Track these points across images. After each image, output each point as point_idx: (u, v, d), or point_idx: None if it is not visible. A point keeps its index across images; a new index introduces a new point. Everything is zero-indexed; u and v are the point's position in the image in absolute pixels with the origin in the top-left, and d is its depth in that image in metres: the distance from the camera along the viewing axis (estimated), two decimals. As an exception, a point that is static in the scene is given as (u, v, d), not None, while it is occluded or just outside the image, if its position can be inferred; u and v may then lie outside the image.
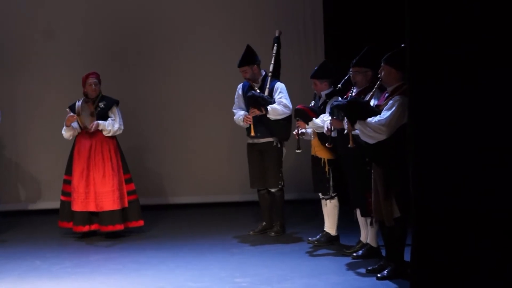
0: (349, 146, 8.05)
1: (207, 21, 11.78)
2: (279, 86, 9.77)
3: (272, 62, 9.80)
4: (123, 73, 11.60)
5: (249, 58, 9.85)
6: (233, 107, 10.02)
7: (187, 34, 11.78)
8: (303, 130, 9.23)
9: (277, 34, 9.88)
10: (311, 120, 9.08)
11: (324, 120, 8.85)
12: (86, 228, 10.01)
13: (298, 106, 9.27)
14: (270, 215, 10.03)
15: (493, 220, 6.88)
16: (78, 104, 9.83)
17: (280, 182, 9.87)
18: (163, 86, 11.78)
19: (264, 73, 9.89)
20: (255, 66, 9.86)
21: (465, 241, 7.01)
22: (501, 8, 6.81)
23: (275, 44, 9.82)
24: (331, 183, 9.21)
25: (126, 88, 11.30)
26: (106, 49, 11.66)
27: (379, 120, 7.63)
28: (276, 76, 9.85)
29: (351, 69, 8.63)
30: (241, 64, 9.86)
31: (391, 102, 7.70)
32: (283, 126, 9.65)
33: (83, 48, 11.64)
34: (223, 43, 11.71)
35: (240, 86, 10.03)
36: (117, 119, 10.07)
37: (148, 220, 10.43)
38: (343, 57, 9.49)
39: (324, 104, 9.16)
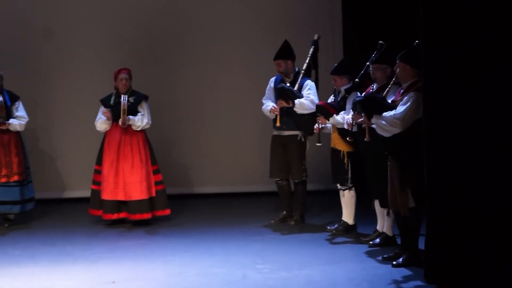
0: (365, 139, 8.05)
1: (232, 16, 11.76)
2: (309, 83, 9.77)
3: (307, 61, 9.76)
4: (151, 68, 11.60)
5: (285, 52, 9.85)
6: (263, 98, 10.01)
7: (214, 29, 11.77)
8: (324, 125, 9.23)
9: (315, 37, 9.86)
10: (331, 116, 9.08)
11: (344, 117, 8.87)
12: (115, 216, 10.04)
13: (319, 103, 9.29)
14: (290, 205, 10.02)
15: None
16: (124, 102, 9.85)
17: (303, 174, 9.86)
18: (189, 80, 11.78)
19: (297, 69, 9.87)
20: (290, 61, 9.86)
21: (476, 231, 7.00)
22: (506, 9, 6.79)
23: (312, 46, 9.80)
24: (349, 174, 9.20)
25: (154, 83, 11.30)
26: (135, 44, 11.66)
27: (394, 114, 7.65)
28: (308, 75, 9.83)
29: (370, 66, 8.60)
30: (277, 57, 9.87)
31: (406, 97, 7.71)
32: (308, 121, 9.63)
33: (113, 43, 11.65)
34: (249, 38, 11.70)
35: (272, 79, 10.03)
36: (146, 114, 10.09)
37: (174, 209, 10.44)
38: (361, 54, 9.44)
39: (344, 99, 9.16)
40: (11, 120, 10.01)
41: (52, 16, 11.59)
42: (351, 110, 8.52)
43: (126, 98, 9.94)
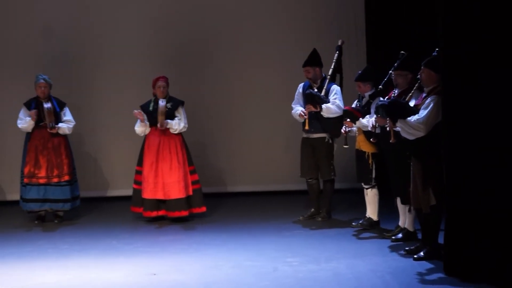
0: (390, 141, 8.06)
1: (263, 24, 11.74)
2: (335, 88, 9.77)
3: (332, 66, 9.78)
4: (187, 75, 11.61)
5: (313, 60, 9.85)
6: (293, 103, 10.01)
7: (244, 37, 11.75)
8: (350, 128, 9.24)
9: (339, 43, 9.87)
10: (358, 119, 9.08)
11: (369, 120, 8.87)
12: (154, 214, 10.08)
13: (345, 108, 9.30)
14: (318, 202, 10.03)
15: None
16: (162, 104, 9.91)
17: (332, 173, 9.87)
18: (223, 87, 11.78)
19: (324, 75, 9.89)
20: (318, 68, 9.86)
21: (492, 228, 6.98)
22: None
23: (337, 52, 9.81)
24: (373, 174, 9.19)
25: (190, 90, 11.32)
26: (173, 53, 11.67)
27: (417, 119, 7.63)
28: (334, 80, 9.84)
29: (392, 72, 8.61)
30: (306, 64, 9.87)
31: (427, 101, 7.69)
32: (335, 124, 9.63)
33: (152, 52, 11.67)
34: (278, 46, 11.67)
35: (301, 85, 10.03)
36: (183, 118, 10.14)
37: (210, 207, 10.47)
38: (384, 61, 9.44)
39: (368, 104, 9.15)
40: (60, 124, 10.11)
41: (97, 27, 11.63)
42: (374, 113, 8.53)
43: (164, 101, 10.00)
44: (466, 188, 7.12)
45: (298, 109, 9.88)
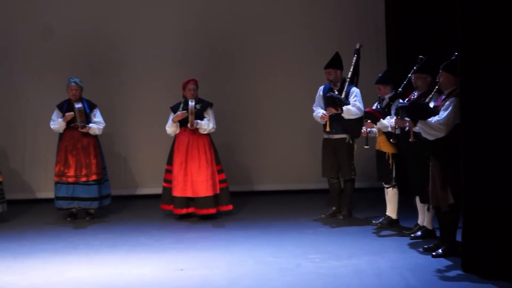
0: (410, 140, 8.04)
1: (285, 30, 11.73)
2: (355, 90, 9.75)
3: (351, 69, 9.77)
4: (215, 78, 11.64)
5: (335, 63, 9.84)
6: (314, 105, 10.01)
7: (271, 42, 11.74)
8: (371, 129, 9.22)
9: (357, 47, 9.85)
10: (378, 121, 9.06)
11: (390, 122, 8.85)
12: (183, 211, 10.10)
13: (367, 109, 9.28)
14: (339, 201, 10.01)
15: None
16: (192, 104, 9.95)
17: (352, 173, 9.86)
18: (248, 89, 11.79)
19: (343, 78, 9.87)
20: (339, 71, 9.85)
21: (509, 224, 6.94)
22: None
23: (355, 55, 9.79)
24: (393, 174, 9.17)
25: (218, 92, 11.33)
26: (202, 55, 11.68)
27: (437, 120, 7.61)
28: (353, 82, 9.82)
29: (412, 75, 8.58)
30: (328, 66, 9.85)
31: (447, 103, 7.67)
32: (355, 125, 9.61)
33: (181, 56, 11.68)
34: (300, 51, 11.66)
35: (321, 87, 10.02)
36: (211, 119, 10.16)
37: (236, 205, 10.47)
38: (403, 64, 9.41)
39: (388, 106, 9.12)
40: (90, 124, 10.16)
41: (128, 30, 11.65)
42: (394, 114, 8.51)
43: (194, 102, 10.03)
44: (483, 188, 7.09)
45: (319, 111, 9.87)
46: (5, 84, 11.50)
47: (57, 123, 10.14)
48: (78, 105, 10.03)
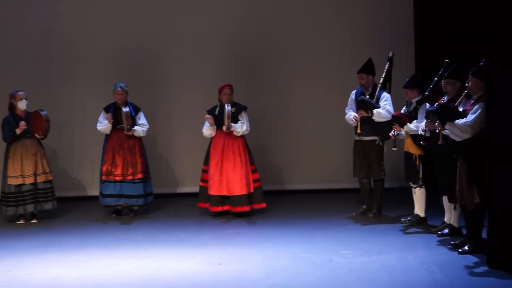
0: (439, 143, 7.96)
1: (319, 35, 11.66)
2: (385, 95, 9.68)
3: (383, 75, 9.70)
4: (250, 83, 11.62)
5: (368, 68, 9.78)
6: (346, 108, 9.96)
7: (304, 48, 11.68)
8: (399, 132, 9.16)
9: (390, 55, 9.78)
10: (406, 124, 9.00)
11: (417, 125, 8.81)
12: (219, 209, 10.09)
13: (394, 113, 9.24)
14: (370, 200, 9.95)
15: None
16: (228, 109, 9.95)
17: (382, 173, 9.79)
18: (282, 93, 11.74)
19: (375, 83, 9.81)
20: (371, 76, 9.79)
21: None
22: None
23: (388, 62, 9.72)
24: (420, 174, 9.09)
25: (252, 96, 11.32)
26: (237, 61, 11.68)
27: (465, 122, 7.58)
28: (384, 87, 9.75)
29: (443, 81, 8.50)
30: (360, 71, 9.80)
31: (476, 107, 7.64)
32: (385, 127, 9.53)
33: (218, 60, 11.67)
34: (333, 55, 11.60)
35: (353, 92, 9.97)
36: (245, 122, 10.15)
37: (270, 203, 10.43)
38: (431, 70, 9.32)
39: (415, 109, 9.06)
40: (135, 127, 10.20)
41: (169, 38, 11.66)
42: (423, 118, 8.46)
43: (230, 106, 10.02)
44: (507, 187, 7.03)
45: (351, 114, 9.83)
46: (56, 88, 11.57)
47: (103, 124, 10.19)
48: (125, 109, 10.06)
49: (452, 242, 8.09)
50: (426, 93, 8.90)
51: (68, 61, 11.61)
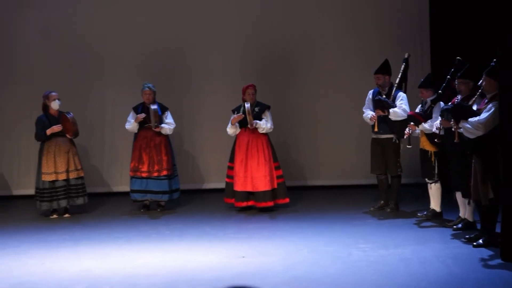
0: (455, 141, 7.93)
1: (337, 37, 11.67)
2: (401, 95, 9.66)
3: (399, 76, 9.67)
4: (273, 82, 11.63)
5: (385, 68, 9.76)
6: (363, 107, 9.95)
7: (326, 51, 11.69)
8: (413, 130, 9.13)
9: (406, 56, 9.75)
10: (420, 123, 8.98)
11: (431, 125, 8.79)
12: (244, 204, 10.11)
13: (409, 113, 9.23)
14: (387, 195, 9.92)
15: None
16: (247, 106, 9.98)
17: (399, 170, 9.76)
18: (303, 93, 11.75)
19: (391, 83, 9.78)
20: (387, 76, 9.76)
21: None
22: None
23: (404, 63, 9.69)
24: (435, 170, 9.06)
25: (275, 95, 11.33)
26: (262, 62, 11.69)
27: (478, 120, 7.55)
28: (400, 87, 9.72)
29: (456, 80, 8.46)
30: (377, 71, 9.77)
31: (489, 105, 7.61)
32: (401, 126, 9.51)
33: (243, 61, 11.70)
34: (351, 57, 11.59)
35: (370, 91, 9.95)
36: (269, 120, 10.16)
37: (292, 198, 10.42)
38: (447, 70, 9.28)
39: (430, 108, 9.03)
40: (163, 125, 10.24)
41: (194, 40, 11.70)
42: (438, 116, 8.43)
43: (249, 103, 10.02)
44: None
45: (368, 113, 9.81)
46: (87, 88, 11.66)
47: (131, 124, 10.26)
48: (153, 107, 10.11)
49: (467, 236, 8.05)
50: (439, 91, 8.88)
51: (98, 64, 11.70)
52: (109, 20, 11.68)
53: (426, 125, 8.93)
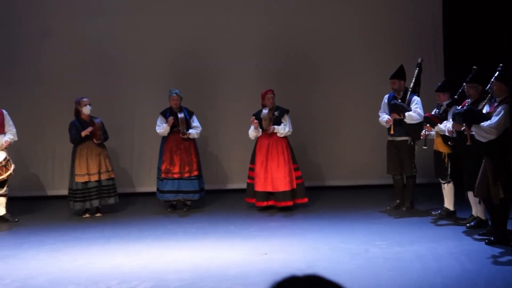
0: (467, 144, 7.92)
1: (357, 49, 11.63)
2: (416, 99, 9.65)
3: (413, 80, 9.67)
4: (291, 87, 11.63)
5: (400, 74, 9.75)
6: (379, 111, 9.95)
7: (342, 57, 11.66)
8: (429, 132, 9.12)
9: (419, 61, 9.74)
10: (436, 125, 8.96)
11: (446, 126, 8.76)
12: (265, 204, 10.12)
13: (426, 114, 9.20)
14: (403, 195, 9.91)
15: None
16: (265, 112, 10.02)
17: (414, 170, 9.75)
18: (321, 97, 11.73)
19: (406, 88, 9.78)
20: (402, 81, 9.76)
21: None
22: None
23: (417, 68, 9.69)
24: (449, 171, 9.04)
25: (294, 100, 11.32)
26: (281, 68, 11.69)
27: (489, 124, 7.54)
28: (415, 91, 9.72)
29: (465, 85, 8.45)
30: (393, 77, 9.77)
31: (499, 109, 7.60)
32: (416, 129, 9.50)
33: (263, 67, 11.69)
34: (367, 64, 11.54)
35: (386, 96, 9.94)
36: (288, 124, 10.18)
37: (311, 198, 10.41)
38: (459, 76, 9.27)
39: (445, 111, 9.02)
40: (190, 131, 10.31)
41: (220, 47, 11.70)
42: (451, 120, 8.43)
43: (267, 109, 10.05)
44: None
45: (384, 116, 9.81)
46: (117, 93, 11.72)
47: (162, 127, 10.32)
48: (181, 115, 10.17)
49: (479, 233, 8.04)
50: (456, 96, 8.87)
51: (128, 71, 11.77)
52: (138, 30, 11.73)
53: (441, 126, 8.91)
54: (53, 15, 11.67)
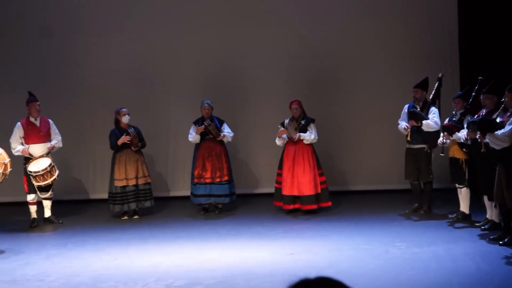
0: (482, 151, 7.90)
1: (379, 62, 11.63)
2: (434, 109, 9.64)
3: (433, 93, 9.66)
4: (319, 96, 11.65)
5: (423, 84, 9.76)
6: (399, 119, 9.95)
7: (365, 69, 11.63)
8: (447, 140, 9.10)
9: (439, 75, 9.73)
10: (454, 133, 8.94)
11: (463, 134, 8.76)
12: (291, 207, 10.15)
13: (445, 123, 9.18)
14: (421, 199, 9.89)
15: None
16: (286, 121, 10.08)
17: (430, 176, 9.72)
18: (344, 106, 11.73)
19: (425, 99, 9.77)
20: (424, 92, 9.76)
21: None
22: None
23: (437, 82, 9.68)
24: (466, 176, 9.01)
25: (319, 109, 11.35)
26: (306, 78, 11.72)
27: (503, 132, 7.52)
28: (434, 103, 9.70)
29: (482, 96, 8.43)
30: (417, 86, 9.76)
31: (512, 119, 7.56)
32: (433, 137, 9.49)
33: (291, 78, 11.73)
34: (389, 76, 11.56)
35: (406, 106, 9.93)
36: (313, 132, 10.21)
37: (334, 202, 10.44)
38: (473, 85, 9.24)
39: (460, 120, 9.00)
40: (224, 132, 10.36)
41: (244, 60, 11.75)
42: (466, 128, 8.41)
43: (288, 120, 10.09)
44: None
45: (402, 124, 9.81)
46: (154, 104, 11.82)
47: (193, 136, 10.42)
48: (207, 122, 10.24)
49: (493, 236, 8.00)
50: (468, 106, 8.86)
51: (163, 82, 11.90)
52: (174, 45, 11.84)
53: (459, 134, 8.90)
54: (96, 33, 11.83)
